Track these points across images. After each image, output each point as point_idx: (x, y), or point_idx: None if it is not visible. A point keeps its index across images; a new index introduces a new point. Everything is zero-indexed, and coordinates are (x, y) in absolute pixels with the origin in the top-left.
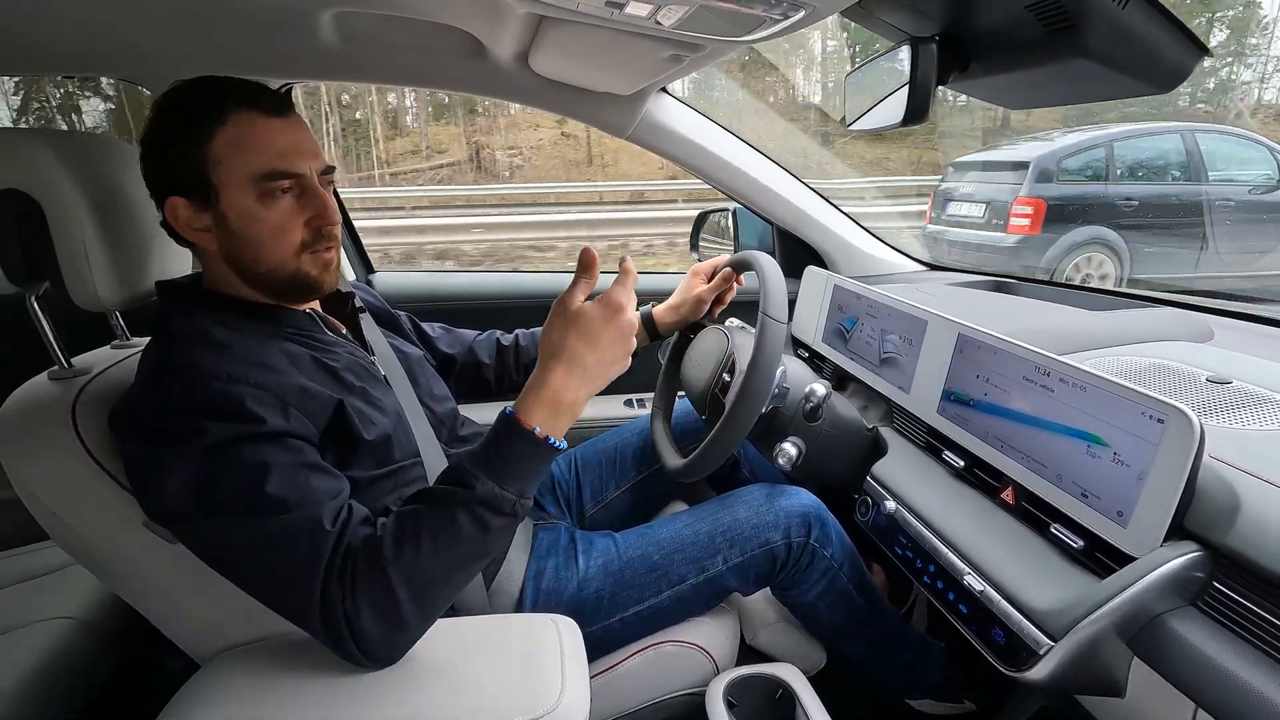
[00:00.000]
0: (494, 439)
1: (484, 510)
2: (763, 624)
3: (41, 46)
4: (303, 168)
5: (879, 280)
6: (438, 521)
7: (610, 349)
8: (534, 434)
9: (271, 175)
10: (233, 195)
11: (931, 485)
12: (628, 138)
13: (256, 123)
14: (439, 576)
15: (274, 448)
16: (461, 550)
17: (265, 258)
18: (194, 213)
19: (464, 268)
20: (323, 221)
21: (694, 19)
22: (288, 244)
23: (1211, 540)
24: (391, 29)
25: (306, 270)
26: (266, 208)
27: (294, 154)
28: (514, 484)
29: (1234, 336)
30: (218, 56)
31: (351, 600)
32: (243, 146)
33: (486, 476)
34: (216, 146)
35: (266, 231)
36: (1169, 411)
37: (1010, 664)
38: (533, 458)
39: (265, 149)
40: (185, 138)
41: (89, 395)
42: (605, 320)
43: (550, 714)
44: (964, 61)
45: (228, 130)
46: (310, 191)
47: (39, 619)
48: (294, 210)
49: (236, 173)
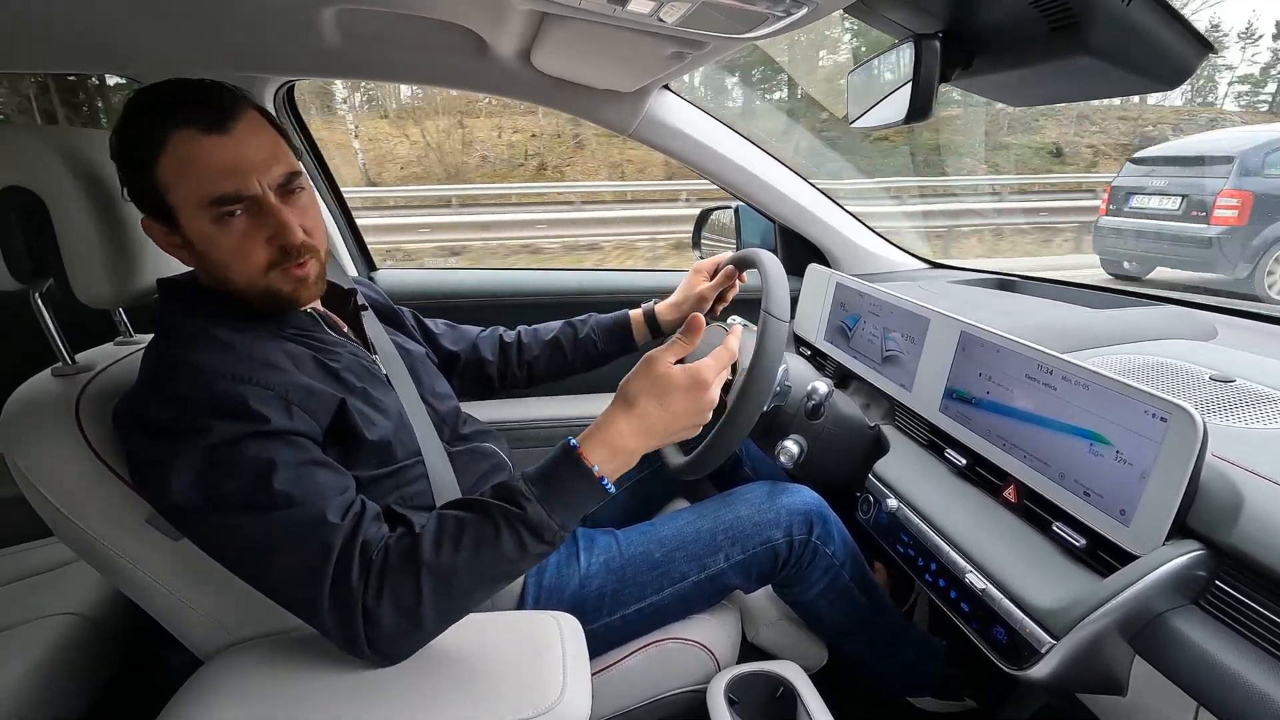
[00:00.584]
0: (553, 466)
1: (528, 533)
2: (764, 621)
3: (42, 43)
4: (250, 187)
5: (881, 278)
6: (481, 533)
7: (681, 418)
8: (593, 472)
9: (219, 200)
10: (188, 219)
11: (933, 483)
12: (630, 135)
13: (195, 143)
14: (466, 587)
15: (279, 445)
16: (495, 567)
17: (233, 278)
18: (163, 232)
19: (467, 264)
20: (282, 240)
21: (696, 16)
22: (251, 264)
23: (1214, 539)
24: (393, 26)
25: (278, 287)
26: (222, 231)
27: (238, 173)
28: (560, 514)
29: (1237, 335)
30: (219, 53)
31: (375, 593)
32: (187, 170)
33: (539, 500)
34: (163, 171)
35: (228, 254)
36: (1172, 410)
37: (1012, 662)
38: (584, 495)
39: (208, 171)
40: (136, 162)
41: (92, 392)
42: (686, 391)
43: (552, 711)
44: (967, 59)
45: (169, 153)
46: (265, 209)
47: (42, 615)
48: (251, 229)
49: (186, 197)
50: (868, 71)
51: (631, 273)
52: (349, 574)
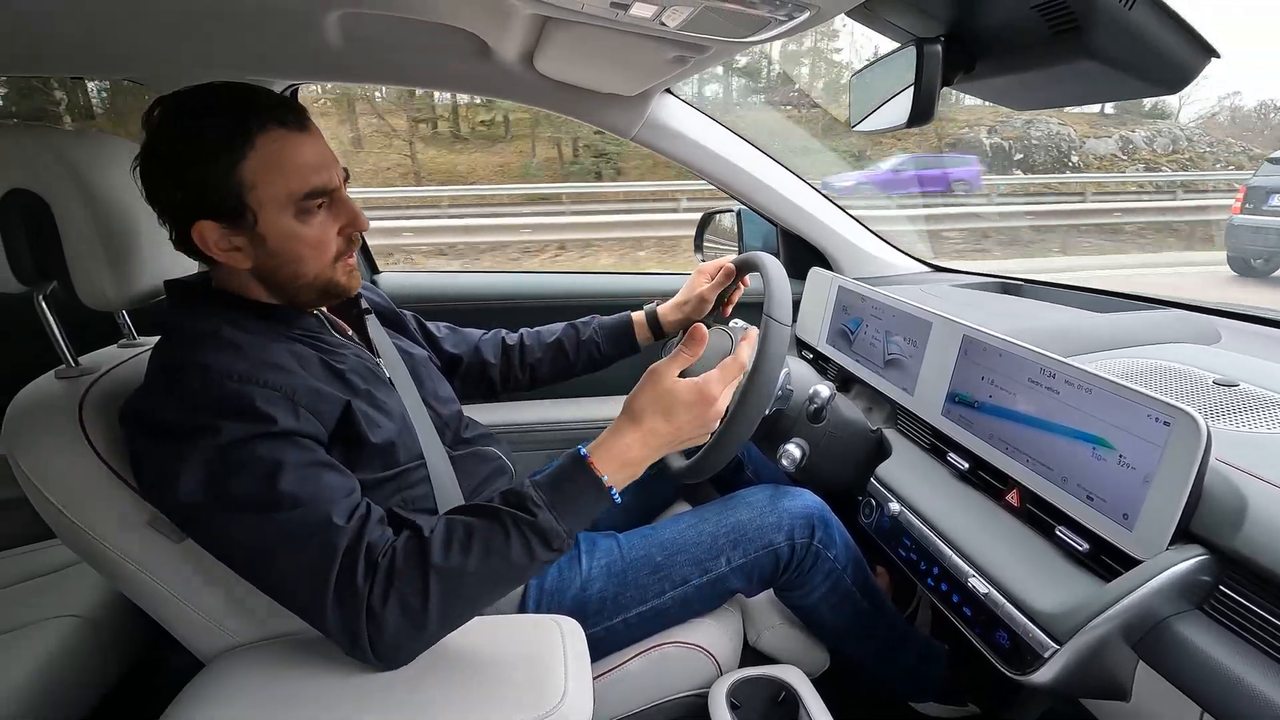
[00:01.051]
0: (562, 474)
1: (537, 540)
2: (766, 625)
3: (46, 47)
4: (334, 180)
5: (883, 281)
6: (490, 538)
7: (687, 430)
8: (602, 481)
9: (311, 195)
10: (271, 216)
11: (936, 487)
12: (632, 138)
13: (285, 141)
14: (473, 592)
15: (286, 447)
16: (502, 573)
17: (304, 271)
18: (224, 234)
19: (470, 268)
20: (355, 228)
21: (699, 20)
22: (325, 256)
23: (1218, 544)
24: (397, 30)
25: (339, 279)
26: (305, 225)
27: (325, 168)
28: (568, 521)
29: (1241, 339)
30: (223, 57)
31: (381, 595)
32: (276, 169)
33: (548, 507)
34: (248, 170)
35: (307, 247)
36: (1175, 414)
37: (1015, 667)
38: (592, 503)
39: (299, 168)
40: (212, 163)
41: (96, 394)
42: (690, 405)
43: (553, 714)
44: (969, 62)
45: (257, 153)
46: (341, 202)
47: (45, 618)
48: (329, 222)
49: (274, 195)
50: (870, 75)
51: (634, 275)
52: (354, 576)
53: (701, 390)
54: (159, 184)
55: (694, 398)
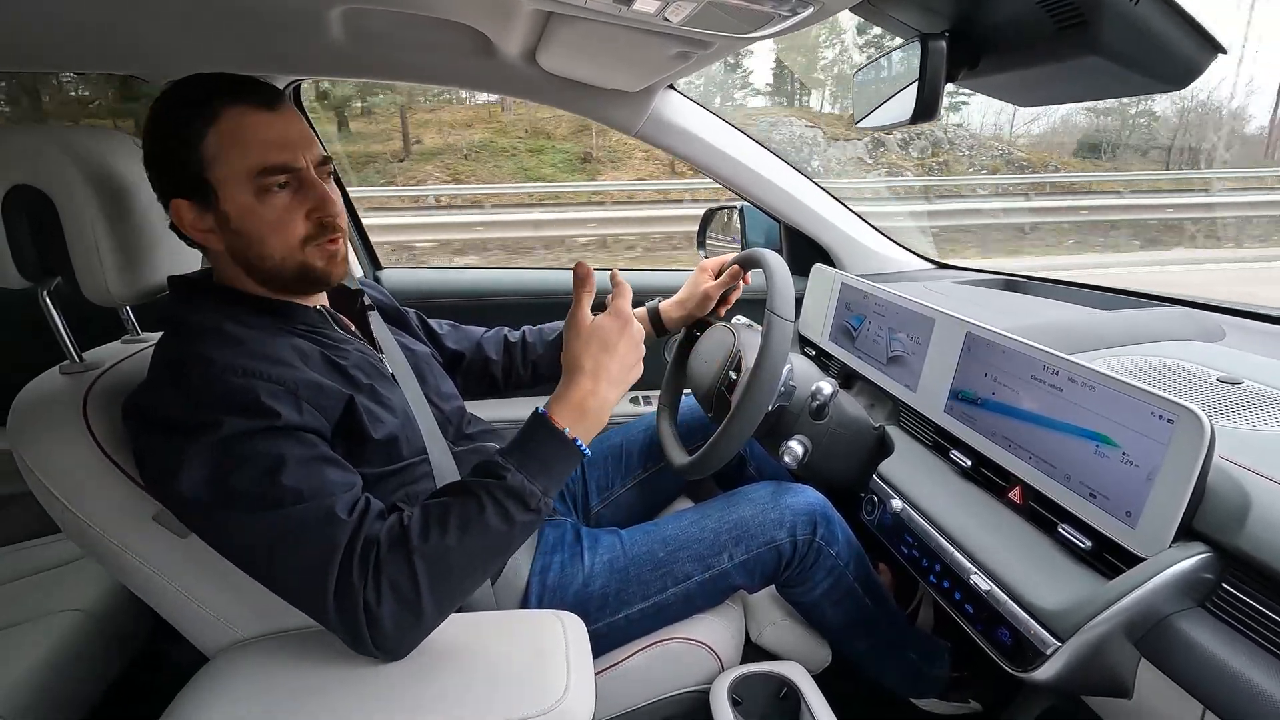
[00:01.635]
0: (524, 436)
1: (510, 502)
2: (768, 622)
3: (49, 43)
4: (298, 160)
5: (887, 278)
6: (466, 511)
7: (627, 355)
8: (564, 433)
9: (266, 170)
10: (231, 193)
11: (938, 484)
12: (635, 134)
13: (247, 118)
14: (460, 566)
15: (289, 441)
16: (485, 541)
17: (269, 253)
18: (197, 214)
19: (472, 264)
20: (322, 213)
21: (702, 16)
22: (290, 237)
23: (1221, 542)
24: (399, 26)
25: (313, 262)
26: (264, 203)
27: (286, 146)
28: (541, 479)
29: (1245, 336)
30: (226, 53)
31: (374, 588)
32: (235, 144)
33: (517, 469)
34: (209, 146)
35: (267, 227)
36: (1179, 411)
37: (1017, 664)
38: (561, 458)
39: (257, 144)
40: (179, 140)
41: (100, 389)
42: (619, 330)
43: (555, 710)
44: (974, 58)
45: (219, 128)
46: (307, 183)
47: (49, 612)
48: (293, 203)
49: (232, 170)
50: (874, 71)
51: (636, 271)
52: (351, 570)
53: (618, 312)
54: (147, 166)
55: (617, 321)
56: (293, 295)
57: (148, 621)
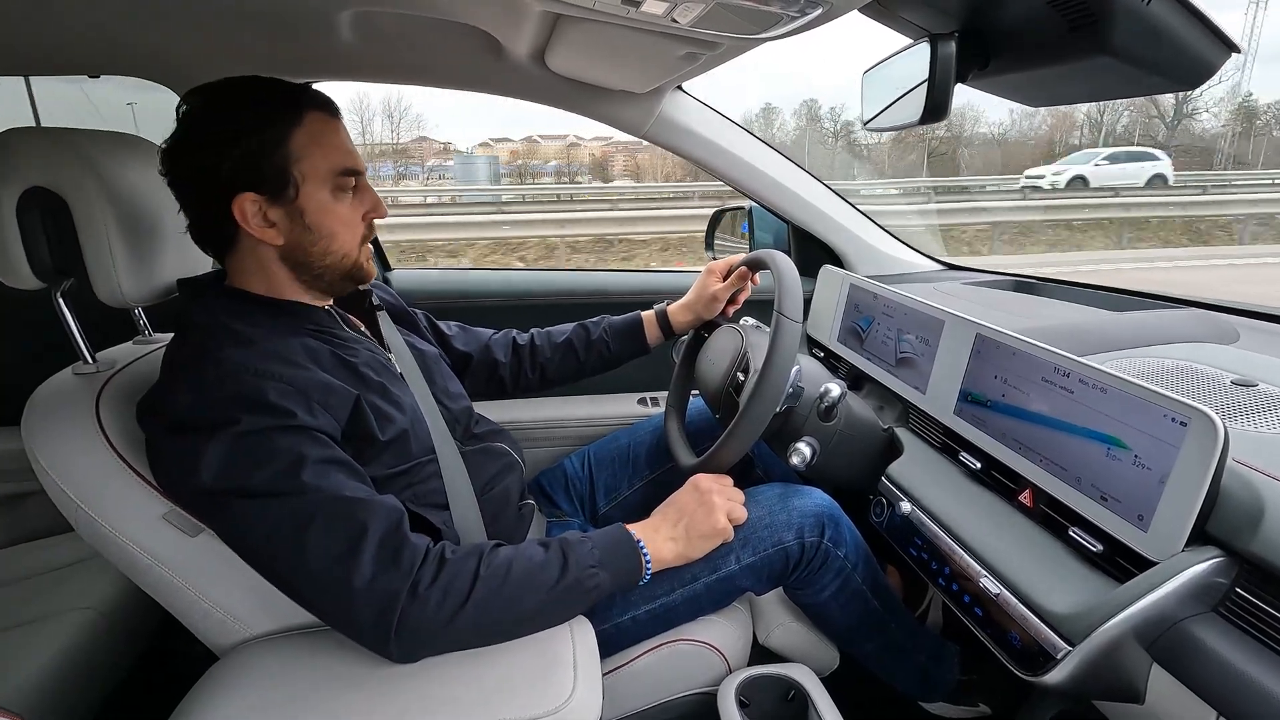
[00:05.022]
0: (614, 544)
1: (573, 562)
2: (776, 623)
3: (61, 47)
4: (362, 165)
5: (895, 280)
6: (548, 563)
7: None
8: (642, 551)
9: (347, 172)
10: (312, 189)
11: (947, 487)
12: (643, 136)
13: (326, 123)
14: (506, 602)
15: (305, 440)
16: (531, 584)
17: (335, 248)
18: (262, 208)
19: (480, 265)
20: (376, 214)
21: (710, 17)
22: (355, 235)
23: (1234, 546)
24: (409, 28)
25: (362, 261)
26: (339, 201)
27: (354, 153)
28: (608, 573)
29: (1260, 338)
30: (237, 56)
31: (432, 575)
32: (319, 144)
33: (599, 565)
34: (297, 142)
35: (340, 223)
36: (1192, 414)
37: (1026, 668)
38: (629, 568)
39: (338, 147)
40: (264, 133)
41: (112, 390)
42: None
43: (562, 711)
44: (984, 58)
45: (305, 128)
46: (367, 187)
47: (62, 610)
48: (356, 204)
49: (317, 167)
50: (883, 72)
51: (644, 273)
52: (392, 555)
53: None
54: (199, 162)
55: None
56: (329, 293)
57: (159, 619)
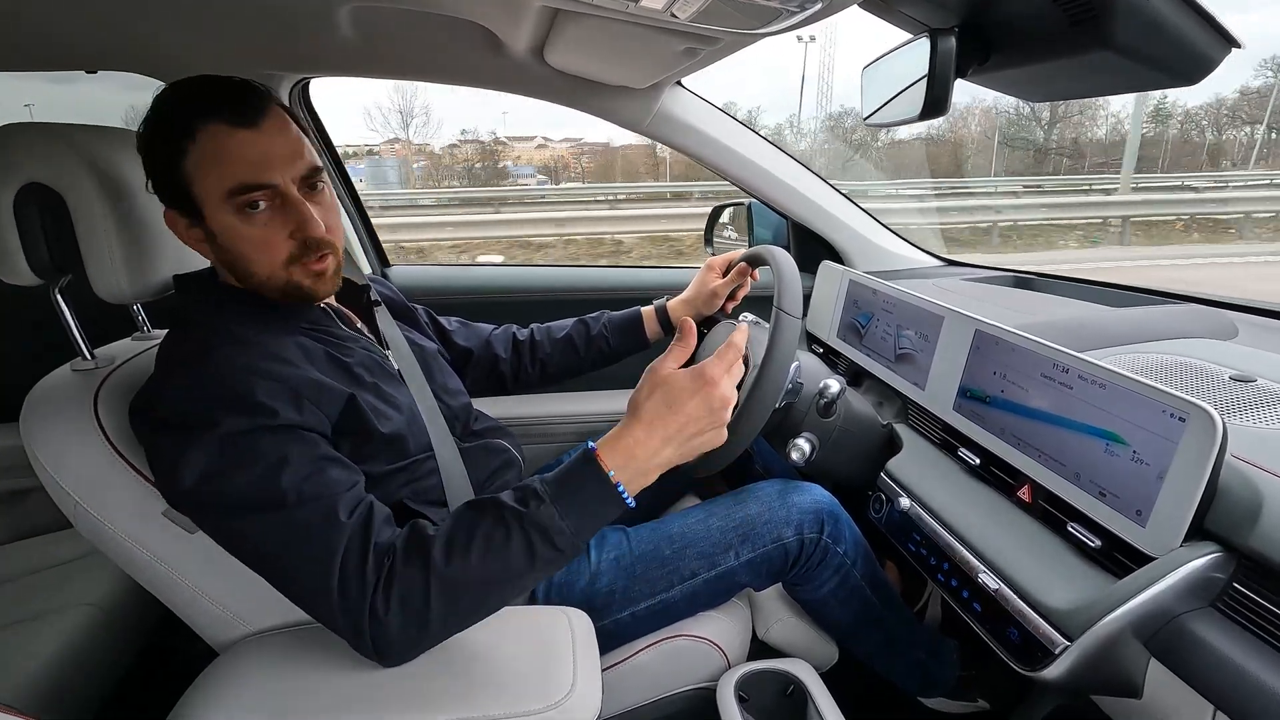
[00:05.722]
0: (569, 468)
1: (537, 535)
2: (775, 619)
3: (57, 42)
4: (275, 178)
5: (895, 276)
6: (491, 535)
7: (696, 420)
8: (608, 476)
9: (242, 189)
10: (213, 211)
11: (947, 483)
12: (643, 131)
13: (224, 136)
14: (474, 595)
15: (289, 440)
16: (503, 573)
17: (254, 271)
18: (188, 226)
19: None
20: (305, 233)
21: (709, 12)
22: (273, 257)
23: (1233, 541)
24: (408, 23)
25: (298, 281)
26: (245, 223)
27: (265, 165)
28: (573, 517)
29: (1259, 334)
30: (234, 52)
31: (384, 597)
32: (214, 162)
33: (551, 500)
34: (190, 163)
35: (250, 246)
36: (1190, 410)
37: (1025, 663)
38: (599, 499)
39: (235, 162)
40: (163, 154)
41: (110, 386)
42: (693, 391)
43: (562, 706)
44: (984, 54)
45: (198, 146)
46: (290, 202)
47: (62, 607)
48: (275, 223)
49: (211, 189)
50: (882, 67)
51: (644, 269)
52: (361, 574)
53: (700, 373)
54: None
55: (695, 383)
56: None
57: (160, 615)
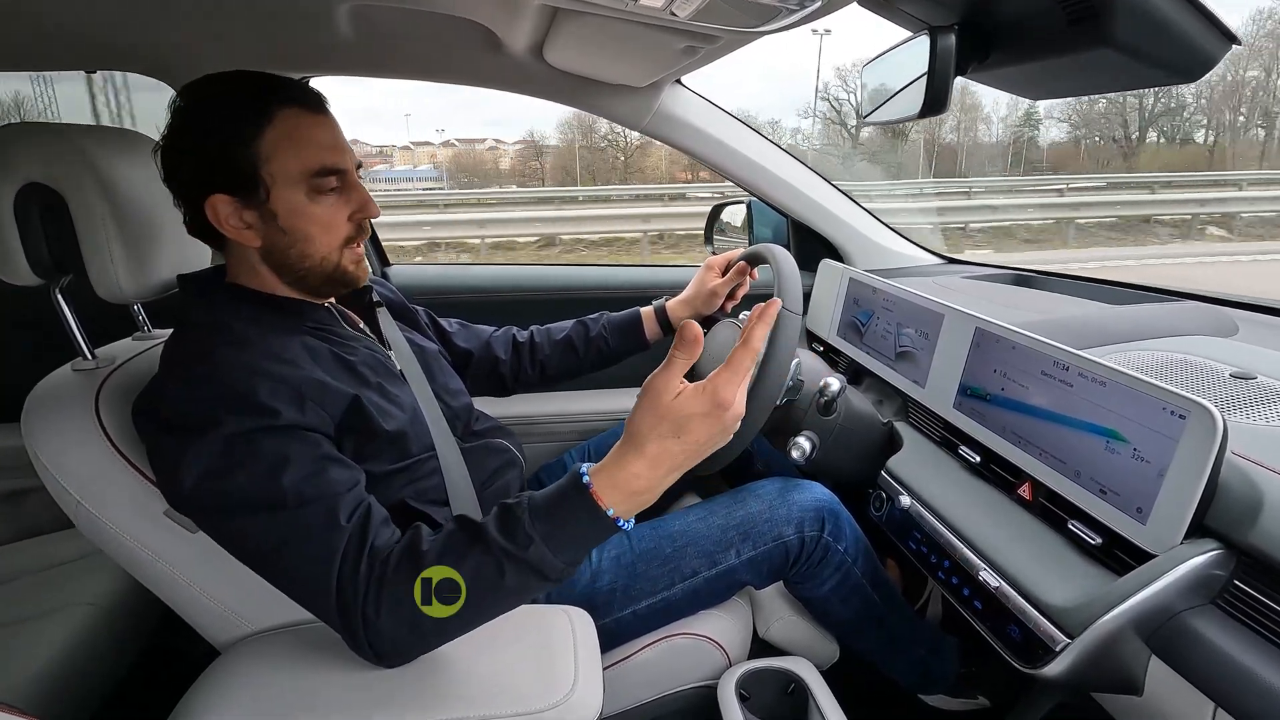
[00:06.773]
0: (560, 500)
1: (530, 575)
2: (775, 617)
3: (60, 42)
4: (347, 163)
5: (895, 274)
6: (481, 566)
7: (703, 442)
8: (606, 514)
9: (323, 171)
10: (283, 190)
11: (947, 480)
12: (642, 130)
13: (302, 119)
14: (466, 610)
15: (290, 441)
16: (496, 597)
17: (312, 252)
18: (236, 209)
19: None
20: (364, 214)
21: (709, 10)
22: (334, 238)
23: (1233, 538)
24: (407, 22)
25: (346, 266)
26: (316, 203)
27: (339, 150)
28: (567, 552)
29: (1259, 331)
30: (236, 50)
31: (374, 602)
32: (291, 144)
33: (542, 540)
34: (266, 143)
35: (316, 226)
36: (1191, 407)
37: (1026, 661)
38: (597, 532)
39: (314, 145)
40: (231, 134)
41: (111, 386)
42: (704, 415)
43: (563, 704)
44: (984, 51)
45: (276, 127)
46: (353, 186)
47: (64, 606)
48: (339, 205)
49: (289, 168)
50: (882, 65)
51: (643, 269)
52: (354, 578)
53: (713, 395)
54: (179, 160)
55: (706, 406)
56: (315, 296)
57: (161, 615)
